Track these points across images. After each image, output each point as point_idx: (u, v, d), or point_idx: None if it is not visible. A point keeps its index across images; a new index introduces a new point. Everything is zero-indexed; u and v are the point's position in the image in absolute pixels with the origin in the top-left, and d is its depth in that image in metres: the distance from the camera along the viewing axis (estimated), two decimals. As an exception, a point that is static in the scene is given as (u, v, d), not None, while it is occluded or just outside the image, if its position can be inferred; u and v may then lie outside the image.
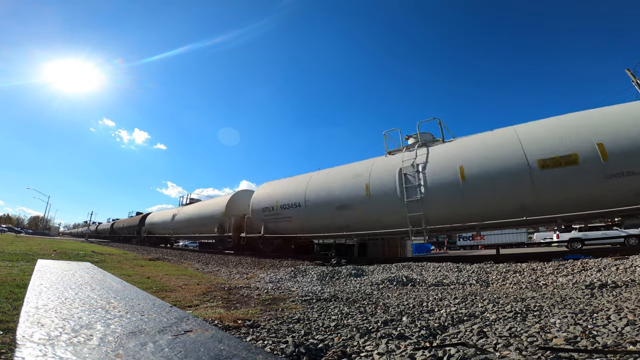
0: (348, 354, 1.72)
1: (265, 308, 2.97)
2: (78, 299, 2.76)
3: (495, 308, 2.67)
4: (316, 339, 2.00)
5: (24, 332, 1.79)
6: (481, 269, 5.36)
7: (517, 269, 5.10)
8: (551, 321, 2.12)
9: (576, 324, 2.00)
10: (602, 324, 1.96)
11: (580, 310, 2.41)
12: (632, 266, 4.28)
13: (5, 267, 4.73)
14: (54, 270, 4.72)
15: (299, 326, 2.30)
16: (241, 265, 9.02)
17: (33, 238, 22.43)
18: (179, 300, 3.19)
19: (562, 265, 4.96)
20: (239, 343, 1.82)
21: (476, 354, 1.54)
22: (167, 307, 2.70)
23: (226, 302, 3.25)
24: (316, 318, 2.56)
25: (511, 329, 2.01)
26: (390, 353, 1.68)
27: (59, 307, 2.41)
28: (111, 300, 2.84)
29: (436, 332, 2.13)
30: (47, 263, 5.77)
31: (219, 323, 2.28)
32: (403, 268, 6.17)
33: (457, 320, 2.38)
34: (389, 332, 2.09)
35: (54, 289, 3.21)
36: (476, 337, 1.93)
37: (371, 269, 6.17)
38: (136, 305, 2.66)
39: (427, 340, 1.95)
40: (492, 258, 7.42)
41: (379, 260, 8.32)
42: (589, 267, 4.65)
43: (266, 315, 2.64)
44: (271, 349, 1.80)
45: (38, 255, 7.37)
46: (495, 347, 1.69)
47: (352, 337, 2.04)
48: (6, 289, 2.99)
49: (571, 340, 1.68)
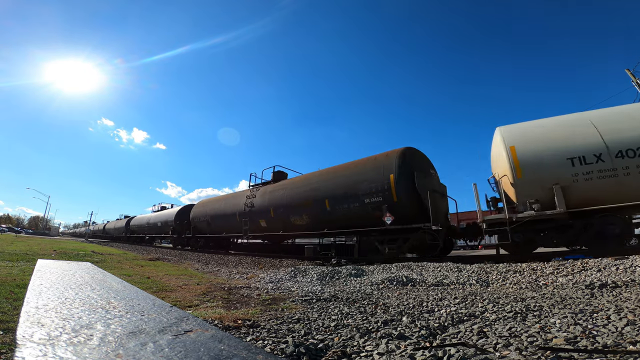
0: (348, 354, 1.72)
1: (265, 308, 2.97)
2: (78, 299, 2.76)
3: (495, 308, 2.67)
4: (316, 339, 2.00)
5: (24, 332, 1.79)
6: (481, 269, 5.36)
7: (517, 269, 5.10)
8: (551, 321, 2.12)
9: (576, 324, 2.00)
10: (602, 324, 1.96)
11: (580, 310, 2.41)
12: (632, 266, 4.28)
13: (5, 267, 4.73)
14: (54, 270, 4.72)
15: (299, 326, 2.30)
16: (241, 265, 9.02)
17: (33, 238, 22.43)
18: (179, 300, 3.19)
19: (562, 265, 4.96)
20: (239, 343, 1.82)
21: (476, 354, 1.54)
22: (167, 307, 2.70)
23: (226, 302, 3.25)
24: (316, 318, 2.56)
25: (511, 329, 2.01)
26: (390, 353, 1.68)
27: (59, 307, 2.41)
28: (111, 300, 2.84)
29: (436, 332, 2.13)
30: (47, 263, 5.77)
31: (219, 323, 2.28)
32: (403, 268, 6.17)
33: (457, 320, 2.38)
34: (389, 332, 2.09)
35: (54, 289, 3.21)
36: (476, 337, 1.93)
37: (371, 269, 6.18)
38: (136, 305, 2.66)
39: (427, 340, 1.95)
40: (492, 258, 7.43)
41: (379, 260, 8.33)
42: (589, 267, 4.65)
43: (266, 315, 2.64)
44: (271, 349, 1.80)
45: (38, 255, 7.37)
46: (495, 347, 1.69)
47: (352, 337, 2.04)
48: (6, 289, 2.99)
49: (571, 340, 1.68)
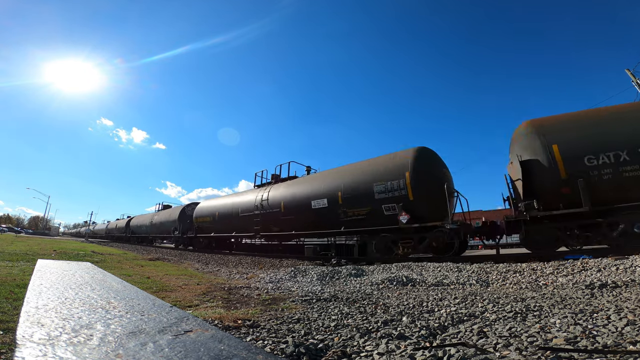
0: (348, 354, 1.72)
1: (265, 308, 2.97)
2: (78, 299, 2.76)
3: (495, 308, 2.67)
4: (316, 339, 2.00)
5: (24, 332, 1.79)
6: (481, 269, 5.36)
7: (517, 269, 5.10)
8: (551, 321, 2.12)
9: (576, 324, 2.00)
10: (602, 324, 1.96)
11: (580, 310, 2.41)
12: (632, 266, 4.28)
13: (5, 267, 4.73)
14: (54, 270, 4.72)
15: (299, 326, 2.30)
16: (241, 265, 9.02)
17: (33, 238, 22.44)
18: (179, 300, 3.19)
19: (562, 265, 4.95)
20: (239, 343, 1.82)
21: (476, 354, 1.54)
22: (167, 307, 2.70)
23: (226, 302, 3.25)
24: (316, 318, 2.56)
25: (511, 329, 2.01)
26: (390, 353, 1.68)
27: (59, 307, 2.41)
28: (111, 300, 2.84)
29: (436, 332, 2.13)
30: (47, 263, 5.77)
31: (219, 323, 2.28)
32: (403, 268, 6.17)
33: (457, 320, 2.38)
34: (389, 332, 2.09)
35: (54, 289, 3.21)
36: (476, 337, 1.93)
37: (371, 269, 6.18)
38: (136, 305, 2.66)
39: (427, 340, 1.94)
40: (492, 258, 7.43)
41: (379, 260, 8.33)
42: (589, 267, 4.65)
43: (266, 315, 2.64)
44: (271, 349, 1.80)
45: (38, 255, 7.37)
46: (495, 347, 1.69)
47: (352, 337, 2.04)
48: (6, 289, 2.99)
49: (571, 340, 1.68)
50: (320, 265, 8.05)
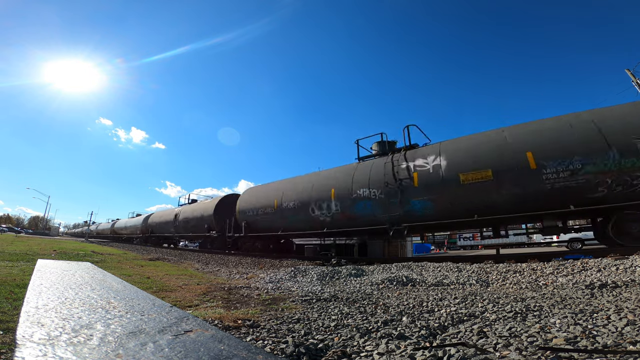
0: (348, 354, 1.72)
1: (265, 308, 2.97)
2: (78, 299, 2.76)
3: (495, 308, 2.67)
4: (316, 339, 2.00)
5: (24, 332, 1.79)
6: (481, 269, 5.36)
7: (517, 269, 5.10)
8: (551, 321, 2.12)
9: (576, 324, 2.00)
10: (602, 324, 1.96)
11: (580, 310, 2.41)
12: (632, 266, 4.28)
13: (5, 267, 4.73)
14: (54, 270, 4.72)
15: (299, 326, 2.30)
16: (241, 265, 9.02)
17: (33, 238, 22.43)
18: (179, 300, 3.19)
19: (562, 265, 4.95)
20: (239, 343, 1.82)
21: (476, 354, 1.54)
22: (167, 307, 2.70)
23: (226, 302, 3.25)
24: (316, 318, 2.56)
25: (511, 329, 2.01)
26: (390, 353, 1.68)
27: (59, 307, 2.41)
28: (111, 300, 2.84)
29: (436, 332, 2.13)
30: (47, 263, 5.77)
31: (219, 323, 2.28)
32: (403, 268, 6.17)
33: (457, 320, 2.38)
34: (389, 332, 2.09)
35: (54, 289, 3.21)
36: (476, 337, 1.93)
37: (371, 269, 6.17)
38: (136, 305, 2.66)
39: (427, 340, 1.95)
40: (492, 258, 7.42)
41: (379, 260, 8.32)
42: (589, 267, 4.65)
43: (266, 315, 2.64)
44: (271, 349, 1.80)
45: (38, 255, 7.37)
46: (495, 347, 1.69)
47: (352, 337, 2.04)
48: (6, 289, 2.99)
49: (571, 340, 1.68)
50: (320, 265, 8.05)
